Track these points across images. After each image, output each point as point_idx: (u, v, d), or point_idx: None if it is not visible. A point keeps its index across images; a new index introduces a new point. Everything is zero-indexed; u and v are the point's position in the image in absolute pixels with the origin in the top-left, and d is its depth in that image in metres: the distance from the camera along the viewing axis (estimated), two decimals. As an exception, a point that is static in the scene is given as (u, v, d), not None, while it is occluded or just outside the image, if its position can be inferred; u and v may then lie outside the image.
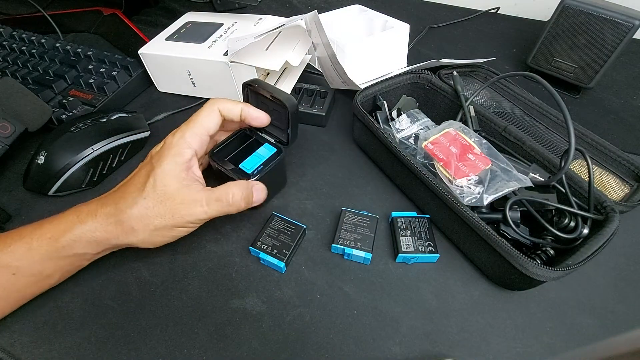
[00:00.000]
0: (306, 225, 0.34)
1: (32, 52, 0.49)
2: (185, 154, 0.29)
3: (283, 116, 0.33)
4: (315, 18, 0.37)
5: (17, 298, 0.28)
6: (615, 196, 0.34)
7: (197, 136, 0.30)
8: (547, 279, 0.26)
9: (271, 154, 0.34)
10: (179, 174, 0.29)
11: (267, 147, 0.34)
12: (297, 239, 0.32)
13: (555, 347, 0.28)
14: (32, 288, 0.28)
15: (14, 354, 0.26)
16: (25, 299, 0.28)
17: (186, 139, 0.30)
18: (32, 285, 0.27)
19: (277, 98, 0.32)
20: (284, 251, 0.31)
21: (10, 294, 0.27)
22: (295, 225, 0.33)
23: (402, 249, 0.31)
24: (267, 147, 0.34)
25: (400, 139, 0.38)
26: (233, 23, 0.48)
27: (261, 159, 0.33)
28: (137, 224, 0.27)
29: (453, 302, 0.30)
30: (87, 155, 0.35)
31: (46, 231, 0.27)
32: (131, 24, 0.57)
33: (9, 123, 0.36)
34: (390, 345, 0.28)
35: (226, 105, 0.32)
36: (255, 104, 0.35)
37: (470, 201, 0.30)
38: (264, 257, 0.31)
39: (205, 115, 0.31)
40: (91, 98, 0.44)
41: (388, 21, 0.50)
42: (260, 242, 0.32)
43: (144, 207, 0.27)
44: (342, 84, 0.44)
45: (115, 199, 0.28)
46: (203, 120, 0.31)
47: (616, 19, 0.43)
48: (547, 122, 0.40)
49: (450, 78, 0.42)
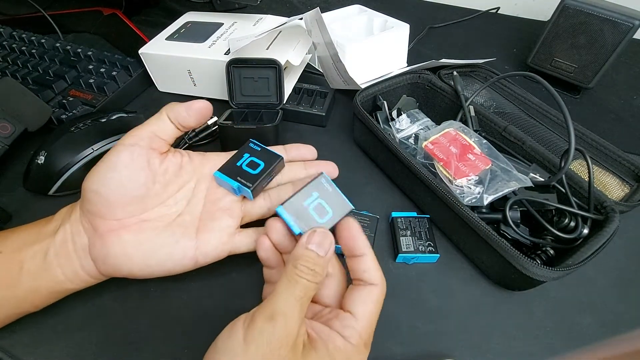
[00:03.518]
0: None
1: (32, 52, 0.49)
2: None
3: (271, 79, 0.38)
4: (317, 16, 0.37)
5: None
6: (615, 196, 0.34)
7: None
8: (547, 279, 0.26)
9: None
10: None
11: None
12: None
13: (555, 347, 0.28)
14: (20, 311, 0.26)
15: (14, 354, 0.26)
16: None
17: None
18: (18, 314, 0.26)
19: (263, 60, 0.37)
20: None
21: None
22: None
23: (402, 249, 0.31)
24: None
25: (400, 139, 0.38)
26: (233, 23, 0.48)
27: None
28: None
29: (453, 302, 0.30)
30: (87, 155, 0.35)
31: (42, 280, 0.25)
32: (131, 24, 0.57)
33: (9, 123, 0.36)
34: (390, 345, 0.28)
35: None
36: (239, 82, 0.38)
37: (470, 201, 0.30)
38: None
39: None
40: (91, 98, 0.44)
41: (388, 21, 0.50)
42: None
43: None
44: (342, 83, 0.44)
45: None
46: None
47: (616, 19, 0.43)
48: (547, 122, 0.40)
49: (450, 78, 0.42)
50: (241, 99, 0.39)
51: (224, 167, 0.27)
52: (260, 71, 0.38)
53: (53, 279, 0.25)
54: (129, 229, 0.25)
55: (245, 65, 0.38)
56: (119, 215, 0.25)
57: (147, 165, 0.26)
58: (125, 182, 0.25)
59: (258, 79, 0.39)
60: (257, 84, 0.39)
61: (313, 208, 0.24)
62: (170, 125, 0.27)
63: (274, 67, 0.38)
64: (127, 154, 0.25)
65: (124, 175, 0.25)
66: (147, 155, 0.26)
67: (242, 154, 0.28)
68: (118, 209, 0.25)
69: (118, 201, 0.25)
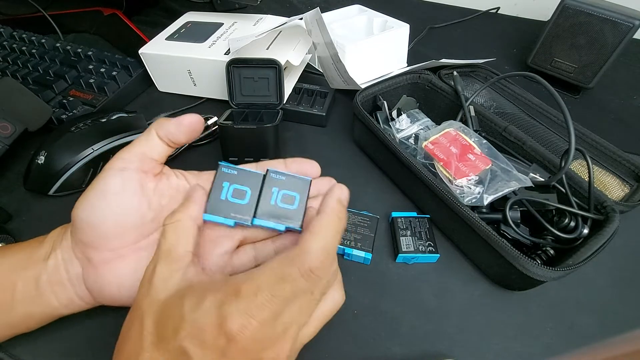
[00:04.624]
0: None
1: (32, 52, 0.49)
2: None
3: (271, 79, 0.38)
4: (317, 16, 0.37)
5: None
6: (615, 196, 0.34)
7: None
8: (547, 279, 0.26)
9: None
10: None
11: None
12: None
13: (555, 347, 0.28)
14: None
15: (14, 354, 0.26)
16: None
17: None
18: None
19: (263, 60, 0.37)
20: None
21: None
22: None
23: (402, 249, 0.31)
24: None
25: (401, 139, 0.38)
26: (233, 23, 0.48)
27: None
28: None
29: (453, 302, 0.30)
30: (87, 155, 0.35)
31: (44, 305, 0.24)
32: (131, 24, 0.57)
33: (9, 123, 0.36)
34: (390, 345, 0.28)
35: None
36: (239, 82, 0.38)
37: (471, 201, 0.30)
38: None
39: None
40: (91, 98, 0.44)
41: (388, 21, 0.50)
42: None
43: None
44: (342, 83, 0.44)
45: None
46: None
47: (616, 19, 0.43)
48: (547, 122, 0.40)
49: (451, 78, 0.42)
50: (241, 99, 0.39)
51: (210, 205, 0.24)
52: (260, 71, 0.38)
53: (47, 306, 0.24)
54: (125, 259, 0.23)
55: (245, 65, 0.38)
56: (114, 245, 0.23)
57: (140, 190, 0.23)
58: (118, 211, 0.23)
59: (258, 79, 0.39)
60: (257, 84, 0.39)
61: (280, 201, 0.24)
62: (160, 143, 0.24)
63: (274, 67, 0.38)
64: (118, 179, 0.23)
65: (116, 204, 0.22)
66: (139, 180, 0.23)
67: (220, 183, 0.24)
68: (112, 239, 0.23)
69: (111, 232, 0.23)
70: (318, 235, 0.19)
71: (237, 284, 0.18)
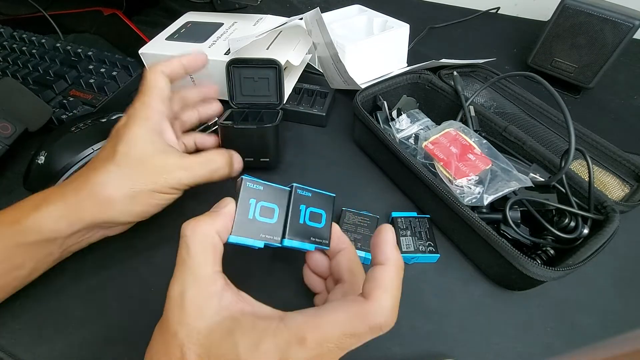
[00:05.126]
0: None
1: (32, 52, 0.49)
2: (154, 117, 0.28)
3: (271, 79, 0.38)
4: (317, 16, 0.37)
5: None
6: (615, 196, 0.34)
7: (159, 100, 0.28)
8: (547, 279, 0.26)
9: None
10: (152, 138, 0.27)
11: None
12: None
13: (555, 347, 0.28)
14: (2, 279, 0.25)
15: (14, 354, 0.26)
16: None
17: (150, 104, 0.28)
18: (1, 276, 0.25)
19: (263, 60, 0.37)
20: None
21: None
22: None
23: (403, 249, 0.31)
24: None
25: (401, 139, 0.38)
26: (233, 23, 0.48)
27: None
28: (112, 192, 0.25)
29: (453, 302, 0.30)
30: (87, 155, 0.35)
31: (7, 215, 0.25)
32: (131, 24, 0.57)
33: (9, 123, 0.36)
34: (390, 345, 0.28)
35: (165, 65, 0.30)
36: (239, 82, 0.39)
37: (471, 201, 0.30)
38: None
39: (153, 79, 0.29)
40: (91, 98, 0.44)
41: (388, 21, 0.50)
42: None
43: (118, 175, 0.25)
44: (343, 83, 0.44)
45: (82, 173, 0.26)
46: (155, 84, 0.29)
47: (616, 19, 0.43)
48: (547, 122, 0.40)
49: (451, 78, 0.42)
50: (241, 99, 0.39)
51: (237, 225, 0.22)
52: (260, 71, 0.38)
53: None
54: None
55: (245, 65, 0.38)
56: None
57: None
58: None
59: (258, 79, 0.39)
60: (257, 84, 0.39)
61: (308, 219, 0.24)
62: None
63: (274, 67, 0.38)
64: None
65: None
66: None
67: (246, 200, 0.23)
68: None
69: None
70: (390, 293, 0.19)
71: (301, 331, 0.18)
